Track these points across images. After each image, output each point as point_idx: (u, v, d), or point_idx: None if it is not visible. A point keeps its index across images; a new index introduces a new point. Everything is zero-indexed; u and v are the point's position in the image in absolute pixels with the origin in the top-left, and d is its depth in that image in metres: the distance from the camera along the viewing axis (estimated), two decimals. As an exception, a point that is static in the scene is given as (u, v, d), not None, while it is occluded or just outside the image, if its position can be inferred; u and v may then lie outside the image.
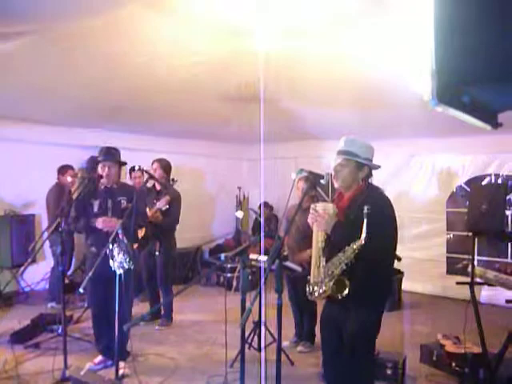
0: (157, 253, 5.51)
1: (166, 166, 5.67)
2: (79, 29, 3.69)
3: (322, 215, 2.81)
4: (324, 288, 2.73)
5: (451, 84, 0.71)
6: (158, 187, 5.56)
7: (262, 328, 4.43)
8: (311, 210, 2.90)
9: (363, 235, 2.58)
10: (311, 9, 3.59)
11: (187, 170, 6.75)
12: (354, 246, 2.62)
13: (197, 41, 4.14)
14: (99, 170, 4.15)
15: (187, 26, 3.84)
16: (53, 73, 4.59)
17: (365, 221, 2.58)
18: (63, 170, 6.31)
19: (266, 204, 8.75)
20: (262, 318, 4.51)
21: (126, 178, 6.26)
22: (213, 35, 4.02)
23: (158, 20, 3.74)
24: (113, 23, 3.66)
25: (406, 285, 6.88)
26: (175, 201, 5.47)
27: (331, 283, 2.69)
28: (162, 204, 5.22)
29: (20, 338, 4.79)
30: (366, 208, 2.58)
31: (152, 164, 5.67)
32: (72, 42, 3.98)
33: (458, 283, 3.51)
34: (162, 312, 5.61)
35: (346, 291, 2.66)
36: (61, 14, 3.33)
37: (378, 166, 2.98)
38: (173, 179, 5.76)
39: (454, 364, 4.19)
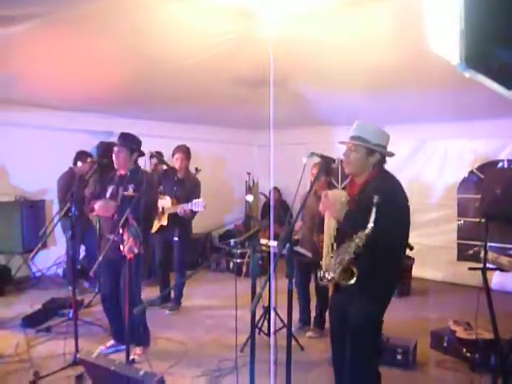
0: (175, 238, 5.49)
1: (187, 153, 5.62)
2: (86, 12, 3.66)
3: (333, 203, 2.79)
4: (332, 274, 2.73)
5: (480, 44, 0.67)
6: (179, 175, 5.54)
7: (272, 313, 4.44)
8: (323, 197, 2.88)
9: (370, 225, 2.56)
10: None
11: (196, 156, 6.71)
12: (362, 235, 2.60)
13: (206, 24, 4.09)
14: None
15: (197, 9, 3.79)
16: (61, 57, 4.57)
17: (373, 210, 2.56)
18: (82, 156, 6.31)
19: (274, 189, 8.73)
20: (273, 303, 4.51)
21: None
22: (223, 18, 3.97)
23: (167, 3, 3.69)
24: (121, 6, 3.62)
25: (417, 271, 6.84)
26: (197, 189, 5.47)
27: (340, 270, 2.68)
28: (198, 207, 5.08)
29: (32, 321, 4.85)
30: (375, 197, 2.56)
31: (173, 152, 5.62)
32: (80, 27, 3.94)
33: (470, 268, 3.46)
34: (172, 296, 5.66)
35: (354, 280, 2.64)
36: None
37: (392, 153, 2.91)
38: (196, 168, 5.71)
39: (464, 350, 4.16)
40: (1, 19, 3.54)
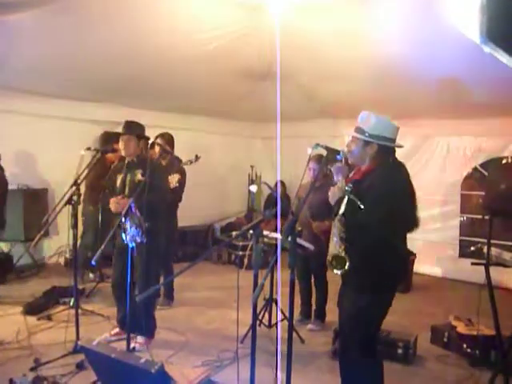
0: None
1: (169, 141, 5.49)
2: (94, 2, 3.65)
3: (332, 189, 2.82)
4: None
5: (501, 19, 0.65)
6: (163, 162, 5.43)
7: (274, 304, 4.45)
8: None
9: (340, 212, 2.63)
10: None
11: (200, 148, 6.69)
12: (337, 222, 2.66)
13: (213, 15, 4.07)
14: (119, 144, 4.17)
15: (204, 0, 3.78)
16: (67, 45, 4.55)
17: (345, 198, 2.64)
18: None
19: (280, 182, 8.70)
20: (275, 295, 4.52)
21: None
22: (230, 9, 3.95)
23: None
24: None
25: (418, 267, 6.86)
26: (181, 178, 5.32)
27: (330, 257, 2.70)
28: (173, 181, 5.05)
29: (33, 309, 4.87)
30: (348, 186, 2.66)
31: (156, 139, 5.45)
32: (87, 14, 3.93)
33: (473, 264, 3.45)
34: (163, 291, 5.48)
35: (345, 267, 2.62)
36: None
37: (397, 145, 2.80)
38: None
39: (465, 346, 4.17)
40: (7, 6, 3.53)
